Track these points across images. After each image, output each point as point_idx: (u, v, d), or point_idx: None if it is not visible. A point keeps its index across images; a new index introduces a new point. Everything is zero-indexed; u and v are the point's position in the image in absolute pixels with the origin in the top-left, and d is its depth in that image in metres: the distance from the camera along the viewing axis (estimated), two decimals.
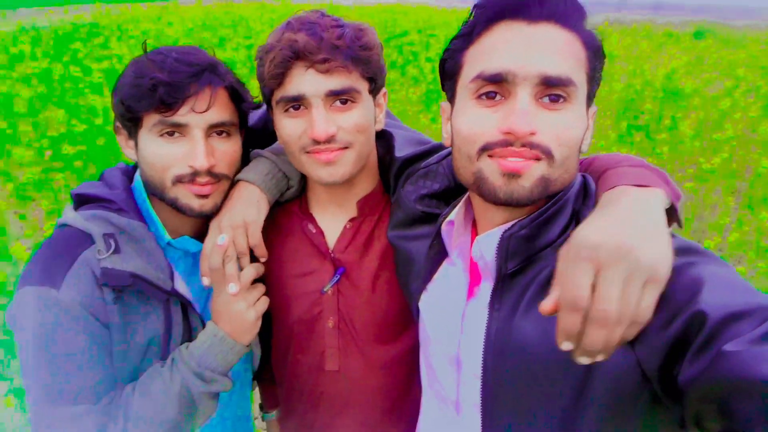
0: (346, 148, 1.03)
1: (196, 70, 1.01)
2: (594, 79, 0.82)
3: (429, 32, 12.25)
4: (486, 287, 0.89)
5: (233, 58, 8.84)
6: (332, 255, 1.18)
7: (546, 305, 0.69)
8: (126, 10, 14.81)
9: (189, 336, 1.12)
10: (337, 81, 0.99)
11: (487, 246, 0.86)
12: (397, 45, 10.88)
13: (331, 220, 1.19)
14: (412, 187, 1.09)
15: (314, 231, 1.19)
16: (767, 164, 5.11)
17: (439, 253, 1.00)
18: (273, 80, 0.99)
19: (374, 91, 1.08)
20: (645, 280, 0.65)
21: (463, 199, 0.97)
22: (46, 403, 0.98)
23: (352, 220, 1.18)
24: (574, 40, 0.78)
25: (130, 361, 1.04)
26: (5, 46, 9.42)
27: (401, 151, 1.15)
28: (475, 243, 0.90)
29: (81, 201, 1.07)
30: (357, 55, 0.99)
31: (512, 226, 0.83)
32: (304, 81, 0.98)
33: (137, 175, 1.14)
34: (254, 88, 1.13)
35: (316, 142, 1.01)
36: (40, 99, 6.56)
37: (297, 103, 1.01)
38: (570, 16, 0.78)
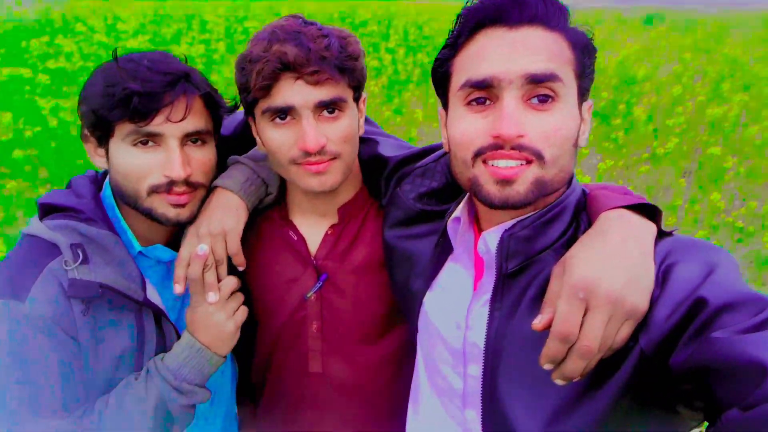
0: (335, 158, 1.04)
1: (170, 79, 0.99)
2: (584, 75, 0.84)
3: (388, 22, 12.22)
4: (488, 284, 0.91)
5: (189, 53, 8.62)
6: (314, 261, 1.18)
7: (538, 324, 0.75)
8: (73, 4, 14.18)
9: (163, 346, 1.10)
10: (325, 92, 0.99)
11: (492, 241, 0.89)
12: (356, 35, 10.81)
13: (312, 227, 1.19)
14: (410, 186, 1.11)
15: (295, 238, 1.19)
16: (716, 149, 5.36)
17: (444, 251, 1.02)
18: (260, 91, 0.99)
19: (357, 98, 1.09)
20: (626, 318, 0.73)
21: (466, 197, 0.99)
22: (17, 417, 0.95)
23: (333, 226, 1.18)
24: (557, 40, 0.80)
25: (102, 373, 1.02)
26: None
27: (389, 153, 1.17)
28: (481, 239, 0.91)
29: (47, 211, 1.04)
30: (344, 65, 1.00)
31: (513, 225, 0.86)
32: (293, 92, 0.98)
33: (106, 183, 1.11)
34: (216, 83, 1.11)
35: (307, 153, 1.01)
36: None
37: (284, 113, 1.01)
38: (551, 17, 0.80)
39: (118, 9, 13.09)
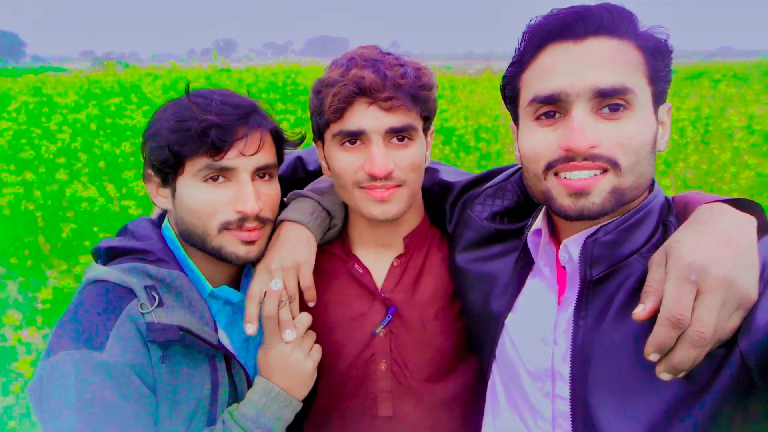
0: (399, 185, 1.04)
1: (243, 112, 0.98)
2: (659, 78, 0.82)
3: None
4: (572, 295, 0.88)
5: (129, 125, 8.43)
6: (382, 295, 1.14)
7: (641, 313, 0.72)
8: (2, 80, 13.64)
9: (235, 393, 1.03)
10: (397, 119, 1.00)
11: (574, 249, 0.87)
12: (300, 102, 11.03)
13: (377, 259, 1.17)
14: (482, 207, 1.10)
15: (361, 271, 1.15)
16: None
17: (525, 267, 1.00)
18: (334, 114, 1.00)
19: (426, 129, 1.10)
20: (737, 307, 0.71)
21: (543, 210, 0.98)
22: None
23: (399, 257, 1.16)
24: (626, 47, 0.79)
25: (177, 425, 0.94)
26: None
27: (452, 179, 1.18)
28: (561, 247, 0.90)
29: (109, 255, 0.99)
30: (417, 95, 1.01)
31: (596, 231, 0.84)
32: (366, 117, 0.99)
33: (166, 225, 1.06)
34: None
35: (373, 177, 1.01)
36: None
37: (355, 137, 1.01)
38: (617, 25, 0.79)
39: (48, 87, 12.71)
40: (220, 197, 0.98)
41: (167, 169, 0.99)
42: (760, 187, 5.39)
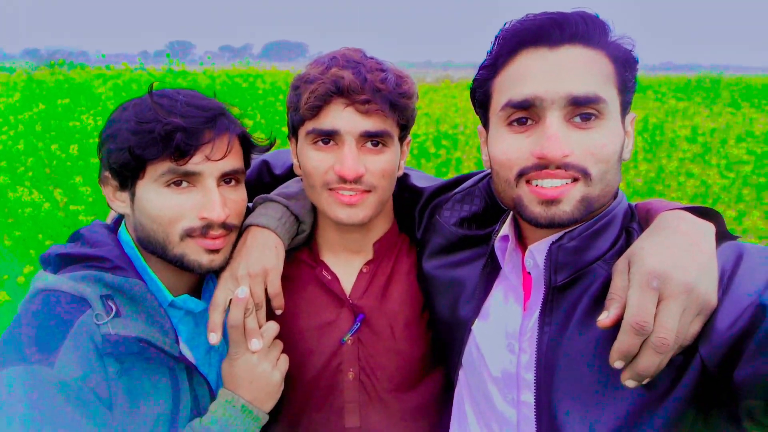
0: (369, 191, 1.02)
1: (210, 114, 0.94)
2: (626, 88, 0.83)
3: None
4: (538, 300, 0.89)
5: (77, 127, 8.06)
6: (350, 301, 1.12)
7: (605, 320, 0.72)
8: None
9: (197, 406, 0.98)
10: (373, 123, 0.99)
11: (539, 255, 0.87)
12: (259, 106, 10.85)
13: (345, 265, 1.15)
14: (450, 212, 1.09)
15: (329, 277, 1.13)
16: None
17: (492, 273, 0.99)
18: (309, 111, 0.98)
19: (402, 138, 1.09)
20: (698, 312, 0.72)
21: (510, 215, 0.98)
22: None
23: (368, 263, 1.15)
24: (598, 57, 0.80)
25: None
26: None
27: (422, 184, 1.17)
28: (527, 253, 0.90)
29: (61, 263, 0.92)
30: (396, 102, 1.01)
31: (560, 237, 0.84)
32: (341, 117, 0.98)
33: (123, 231, 1.01)
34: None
35: (343, 179, 0.99)
36: None
37: (328, 137, 0.99)
38: (591, 35, 0.80)
39: None
40: (184, 203, 0.94)
41: (126, 173, 0.93)
42: (704, 195, 5.66)
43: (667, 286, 0.70)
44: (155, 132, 0.89)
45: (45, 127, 7.46)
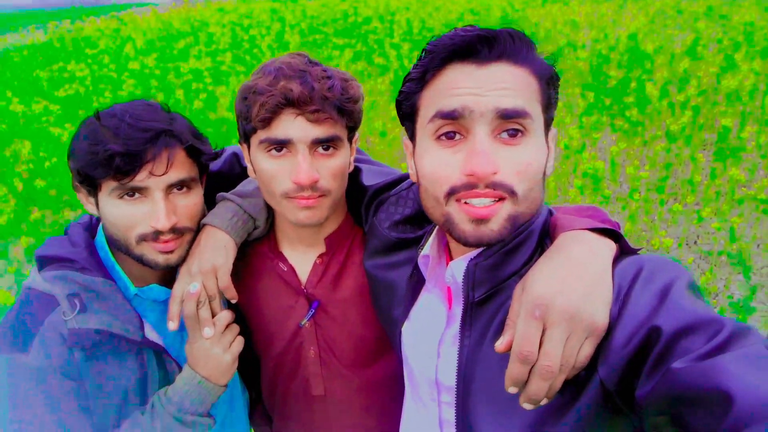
0: (324, 195, 1.07)
1: (151, 135, 1.01)
2: (550, 105, 0.84)
3: (391, 18, 12.16)
4: (458, 313, 0.91)
5: (197, 66, 8.71)
6: (305, 290, 1.22)
7: (500, 346, 0.76)
8: (81, 26, 14.47)
9: (167, 381, 1.14)
10: (323, 130, 1.03)
11: (458, 271, 0.89)
12: (360, 34, 10.81)
13: (301, 257, 1.23)
14: (385, 215, 1.12)
15: (285, 269, 1.22)
16: (728, 120, 5.21)
17: (418, 282, 1.03)
18: (261, 122, 1.02)
19: (351, 138, 1.12)
20: (586, 336, 0.72)
21: (436, 229, 0.99)
22: None
23: (321, 255, 1.22)
24: (525, 75, 0.80)
25: (109, 411, 1.07)
26: None
27: (369, 182, 1.19)
28: (447, 269, 0.92)
29: (44, 262, 1.08)
30: (343, 107, 1.04)
31: (478, 255, 0.86)
32: (293, 127, 1.01)
33: (100, 229, 1.15)
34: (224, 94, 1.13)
35: (299, 187, 1.04)
36: (3, 134, 6.45)
37: (281, 145, 1.04)
38: (519, 53, 0.79)
39: (126, 29, 13.33)
40: (135, 212, 1.04)
41: (87, 186, 1.06)
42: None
43: (549, 314, 0.72)
44: (98, 155, 0.99)
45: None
